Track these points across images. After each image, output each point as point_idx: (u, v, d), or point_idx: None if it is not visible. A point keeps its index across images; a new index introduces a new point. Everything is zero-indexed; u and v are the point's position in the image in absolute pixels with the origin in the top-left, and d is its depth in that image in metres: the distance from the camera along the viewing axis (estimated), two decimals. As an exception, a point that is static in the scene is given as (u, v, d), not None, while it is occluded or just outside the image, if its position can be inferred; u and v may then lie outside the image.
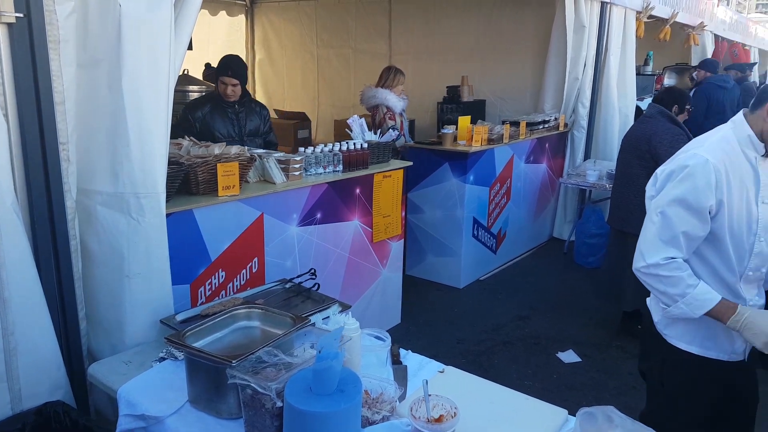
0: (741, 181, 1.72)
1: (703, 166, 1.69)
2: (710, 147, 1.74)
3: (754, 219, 1.73)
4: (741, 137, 1.75)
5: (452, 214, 4.63)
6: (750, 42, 11.28)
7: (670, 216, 1.72)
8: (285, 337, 1.71)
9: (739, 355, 1.87)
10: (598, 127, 5.80)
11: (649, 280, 1.79)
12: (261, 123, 3.80)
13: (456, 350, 3.77)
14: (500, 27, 6.18)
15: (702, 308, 1.69)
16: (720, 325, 1.78)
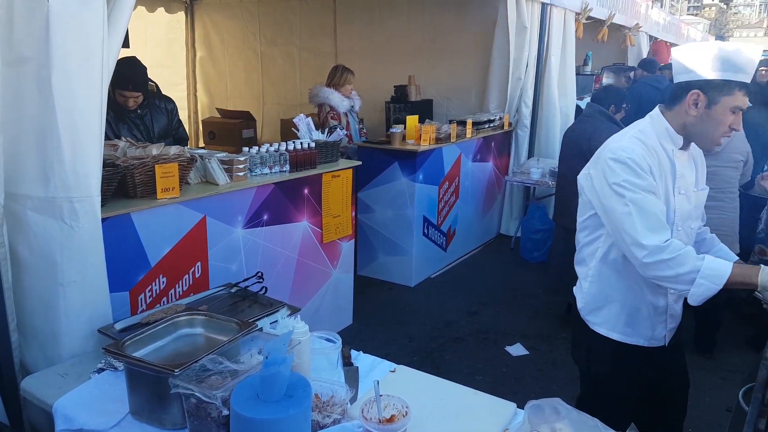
0: (661, 173, 1.77)
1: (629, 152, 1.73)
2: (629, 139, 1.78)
3: (672, 209, 1.79)
4: (659, 131, 1.79)
5: (403, 213, 4.65)
6: (682, 43, 11.84)
7: (638, 201, 1.70)
8: (230, 343, 1.66)
9: (659, 341, 1.92)
10: (540, 126, 5.95)
11: (655, 270, 1.68)
12: (168, 120, 3.60)
13: (408, 348, 3.78)
14: (445, 27, 6.22)
15: (722, 276, 1.60)
16: (641, 312, 1.85)
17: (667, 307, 1.89)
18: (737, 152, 3.23)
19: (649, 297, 1.86)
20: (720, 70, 1.65)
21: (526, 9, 5.27)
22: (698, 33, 14.23)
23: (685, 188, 1.82)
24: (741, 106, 1.68)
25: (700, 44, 1.73)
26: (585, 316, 1.97)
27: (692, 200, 1.85)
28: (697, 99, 1.70)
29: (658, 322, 1.88)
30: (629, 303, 1.87)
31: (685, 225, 1.84)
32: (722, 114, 1.68)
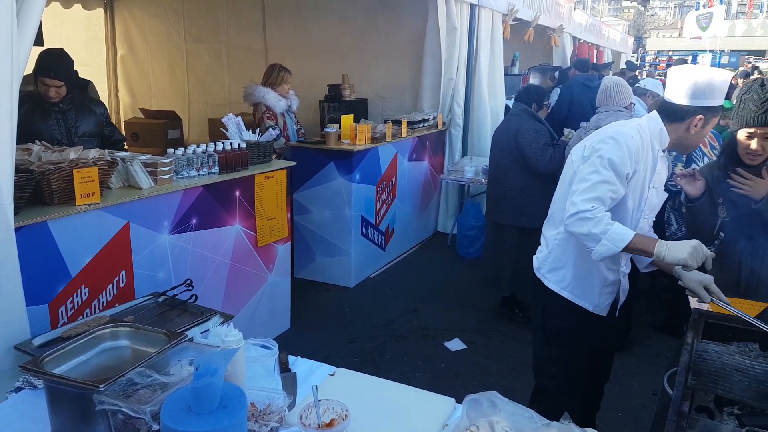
0: (645, 165, 2.03)
1: (628, 139, 1.98)
2: (632, 128, 2.05)
3: (644, 199, 2.06)
4: (653, 130, 2.05)
5: (340, 214, 4.61)
6: (603, 43, 12.42)
7: (603, 175, 1.95)
8: (158, 355, 1.58)
9: (603, 310, 2.17)
10: (472, 126, 6.07)
11: (576, 226, 1.94)
12: (97, 124, 3.45)
13: (348, 350, 3.75)
14: (377, 27, 6.24)
15: (623, 241, 1.86)
16: (590, 280, 2.10)
17: (616, 281, 2.15)
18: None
19: (603, 270, 2.11)
20: (716, 98, 1.99)
21: (456, 10, 5.36)
22: (618, 34, 14.98)
23: (657, 183, 2.09)
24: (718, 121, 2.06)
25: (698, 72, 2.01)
26: (544, 273, 2.21)
27: (660, 196, 2.13)
28: (699, 122, 2.00)
29: (605, 293, 2.14)
30: (584, 270, 2.11)
31: (650, 216, 2.11)
32: (708, 130, 2.04)
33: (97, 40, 7.24)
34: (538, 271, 2.24)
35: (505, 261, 4.03)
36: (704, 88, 1.96)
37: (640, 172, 2.01)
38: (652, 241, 1.87)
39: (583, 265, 2.10)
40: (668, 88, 2.06)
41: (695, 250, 1.80)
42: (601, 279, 2.13)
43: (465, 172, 5.60)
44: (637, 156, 1.98)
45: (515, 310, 4.18)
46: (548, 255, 2.20)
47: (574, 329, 2.17)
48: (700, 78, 1.97)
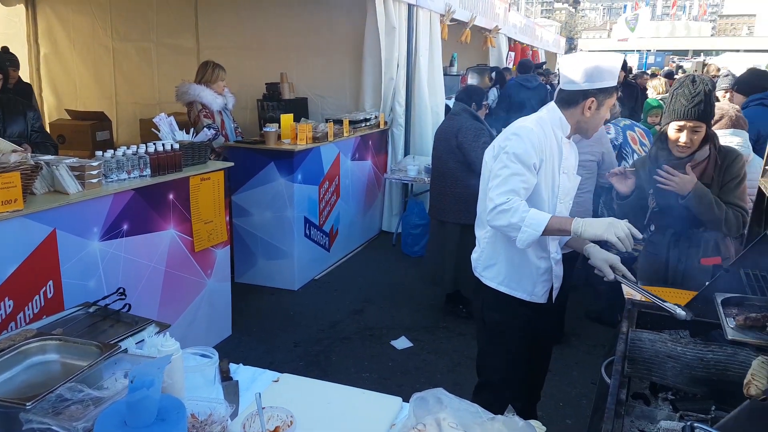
0: (551, 153, 2.12)
1: (529, 132, 2.08)
2: (532, 122, 2.15)
3: (557, 185, 2.16)
4: (554, 120, 2.15)
5: (282, 215, 4.53)
6: (537, 44, 12.80)
7: (512, 169, 2.05)
8: (90, 368, 1.50)
9: (540, 298, 2.24)
10: (414, 125, 6.11)
11: (496, 219, 2.03)
12: (25, 126, 3.27)
13: (293, 354, 3.70)
14: (315, 25, 6.18)
15: (541, 224, 1.96)
16: (524, 270, 2.18)
17: (549, 269, 2.21)
18: (590, 154, 3.52)
19: (533, 259, 2.18)
20: (606, 80, 2.06)
21: (394, 10, 5.38)
22: (551, 35, 15.49)
23: (567, 169, 2.18)
24: (613, 102, 2.13)
25: (586, 57, 2.11)
26: (480, 273, 2.27)
27: (571, 180, 2.22)
28: (592, 104, 2.09)
29: (539, 281, 2.21)
30: (516, 262, 2.18)
31: (566, 200, 2.20)
32: (605, 111, 2.13)
33: (18, 39, 6.83)
34: (476, 270, 2.31)
35: (448, 258, 4.08)
36: (592, 71, 2.05)
37: (548, 161, 2.11)
38: (569, 220, 1.97)
39: (514, 257, 2.17)
40: (561, 76, 2.15)
41: (611, 224, 1.89)
42: (534, 268, 2.19)
43: (408, 171, 5.64)
44: (540, 146, 2.07)
45: (459, 306, 4.24)
46: (481, 254, 2.28)
47: (513, 321, 2.23)
48: (588, 63, 2.06)
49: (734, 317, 1.67)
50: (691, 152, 2.41)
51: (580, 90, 2.09)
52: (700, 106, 2.32)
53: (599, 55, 2.13)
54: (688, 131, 2.37)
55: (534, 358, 2.39)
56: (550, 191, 2.15)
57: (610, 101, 2.11)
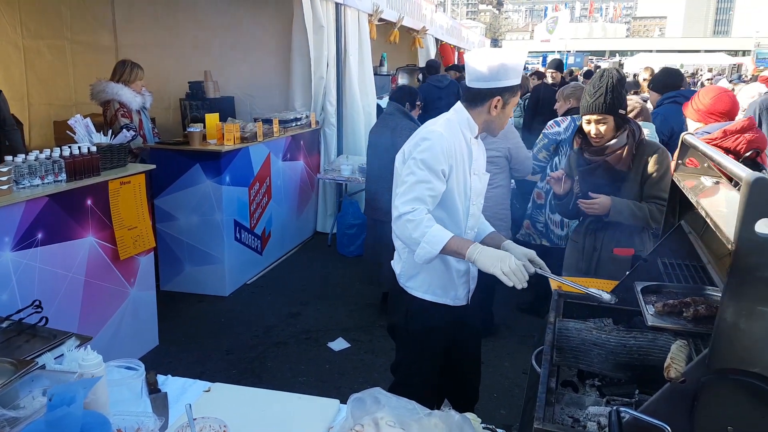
0: (461, 156, 2.09)
1: (439, 138, 2.03)
2: (441, 125, 2.11)
3: (469, 186, 2.13)
4: (461, 121, 2.12)
5: (210, 219, 4.39)
6: (464, 45, 13.08)
7: (418, 176, 2.01)
8: (4, 387, 1.40)
9: (462, 300, 2.24)
10: (346, 125, 6.09)
11: (400, 229, 2.01)
12: None
13: (226, 362, 3.59)
14: (240, 22, 6.04)
15: (439, 243, 1.93)
16: (447, 276, 2.16)
17: (467, 270, 2.20)
18: (495, 150, 3.62)
19: (453, 263, 2.15)
20: (511, 78, 2.04)
21: (321, 8, 5.34)
22: (477, 36, 15.87)
23: (477, 170, 2.16)
24: (515, 103, 2.12)
25: (491, 54, 2.06)
26: (404, 283, 2.23)
27: (482, 180, 2.20)
28: (497, 103, 2.07)
29: (460, 283, 2.20)
30: (437, 269, 2.15)
31: (477, 201, 2.19)
32: (510, 110, 2.12)
33: None
34: (399, 280, 2.25)
35: (385, 257, 4.07)
36: (498, 69, 2.02)
37: (458, 165, 2.07)
38: (467, 245, 1.93)
39: (435, 264, 2.12)
40: (467, 73, 2.11)
41: (500, 259, 1.87)
42: (455, 272, 2.18)
43: (342, 170, 5.61)
44: (450, 152, 2.03)
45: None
46: (403, 264, 2.23)
47: (437, 328, 2.21)
48: (493, 61, 2.02)
49: (653, 304, 1.76)
50: (605, 142, 2.58)
51: (487, 88, 2.06)
52: (600, 99, 2.49)
53: (502, 52, 2.08)
54: (594, 123, 2.55)
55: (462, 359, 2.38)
56: (463, 194, 2.12)
57: (514, 100, 2.10)
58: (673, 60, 25.55)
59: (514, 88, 2.06)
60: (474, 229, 2.21)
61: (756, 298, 1.22)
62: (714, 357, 1.29)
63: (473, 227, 2.20)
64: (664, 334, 1.72)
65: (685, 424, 1.32)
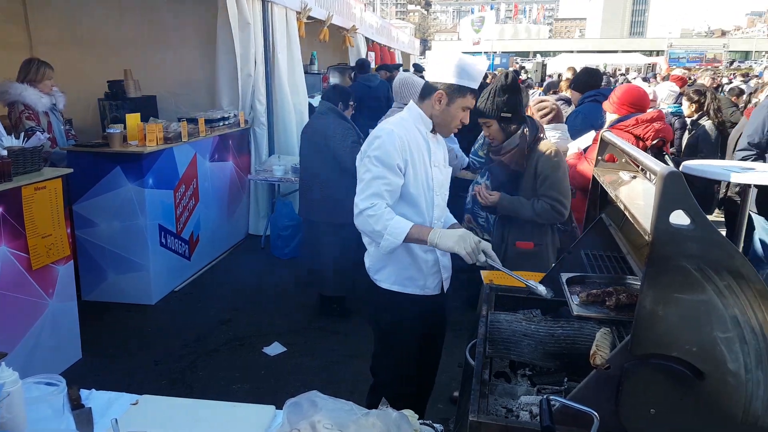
0: (418, 150, 2.15)
1: (389, 134, 2.10)
2: (393, 123, 2.18)
3: (430, 178, 2.19)
4: (414, 117, 2.19)
5: (133, 224, 4.19)
6: (394, 45, 13.17)
7: (373, 172, 2.09)
8: None
9: (432, 290, 2.29)
10: (277, 124, 5.98)
11: (362, 224, 2.08)
12: None
13: (154, 373, 3.44)
14: (163, 19, 5.82)
15: (402, 233, 2.02)
16: (414, 267, 2.21)
17: (436, 261, 2.25)
18: None
19: (420, 253, 2.20)
20: (460, 78, 2.08)
21: (247, 5, 5.22)
22: (406, 36, 16.02)
23: (437, 162, 2.22)
24: (469, 105, 2.15)
25: (449, 53, 2.16)
26: (373, 276, 2.28)
27: (443, 172, 2.26)
28: (441, 97, 2.12)
29: (429, 274, 2.25)
30: (404, 260, 2.20)
31: (441, 191, 2.25)
32: (456, 111, 2.14)
33: None
34: (369, 273, 2.31)
35: (322, 258, 4.05)
36: (448, 66, 2.09)
37: (417, 158, 2.14)
38: (427, 231, 2.04)
39: (401, 256, 2.19)
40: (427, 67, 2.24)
41: (461, 238, 1.97)
42: (423, 262, 2.22)
43: (274, 171, 5.50)
44: (403, 146, 2.09)
45: (333, 305, 4.22)
46: (371, 258, 2.29)
47: (405, 320, 2.25)
48: (448, 58, 2.11)
49: (578, 294, 1.82)
50: (499, 143, 2.73)
51: (433, 82, 2.14)
52: (482, 104, 2.65)
53: (452, 53, 2.16)
54: (484, 126, 2.72)
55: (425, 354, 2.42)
56: (425, 185, 2.17)
57: (462, 101, 2.13)
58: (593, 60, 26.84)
59: (461, 89, 2.10)
60: (441, 220, 2.26)
61: (672, 285, 1.29)
62: (636, 343, 1.35)
63: (440, 218, 2.24)
64: (589, 323, 1.79)
65: (612, 409, 1.38)
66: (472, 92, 2.13)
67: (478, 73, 2.11)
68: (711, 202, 4.57)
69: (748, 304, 1.26)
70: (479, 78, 2.13)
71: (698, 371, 1.31)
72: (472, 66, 2.10)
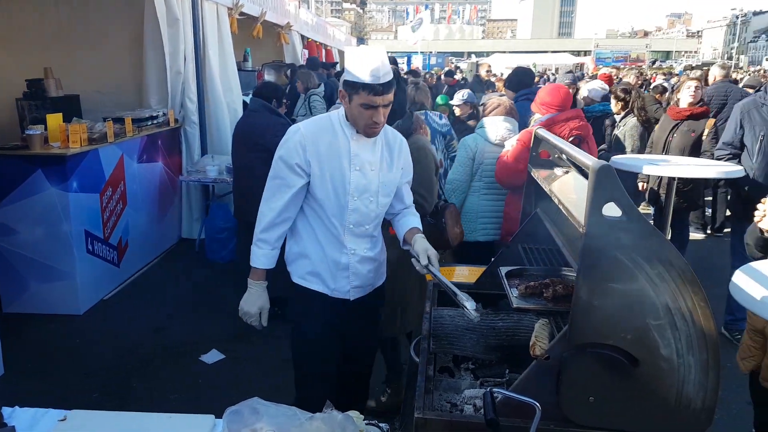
0: (334, 151, 2.07)
1: (294, 133, 2.08)
2: (307, 122, 2.13)
3: (348, 181, 2.08)
4: (341, 116, 2.10)
5: (56, 230, 3.97)
6: (330, 43, 13.09)
7: (273, 171, 2.12)
8: None
9: (343, 294, 2.21)
10: (210, 122, 5.81)
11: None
12: None
13: (85, 387, 3.26)
14: (86, 15, 5.54)
15: (252, 262, 2.20)
16: (324, 264, 2.17)
17: (349, 265, 2.16)
18: None
19: (331, 252, 2.15)
20: (350, 73, 1.97)
21: (176, 0, 5.04)
22: (342, 34, 15.97)
23: (360, 165, 2.08)
24: (369, 103, 1.95)
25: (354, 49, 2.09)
26: (287, 267, 2.27)
27: (368, 177, 2.11)
28: (343, 96, 2.02)
29: (340, 276, 2.18)
30: (316, 257, 2.17)
31: (363, 197, 2.10)
32: (357, 108, 1.99)
33: None
34: (286, 262, 2.30)
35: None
36: (346, 63, 2.02)
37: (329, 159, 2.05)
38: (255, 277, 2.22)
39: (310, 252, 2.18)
40: None
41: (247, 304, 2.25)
42: (332, 262, 2.16)
43: (207, 171, 5.32)
44: (307, 145, 2.03)
45: (274, 307, 4.10)
46: (287, 250, 2.28)
47: (311, 314, 2.22)
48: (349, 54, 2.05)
49: (517, 287, 1.86)
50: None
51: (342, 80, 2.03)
52: None
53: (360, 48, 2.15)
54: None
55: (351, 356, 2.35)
56: (340, 189, 2.07)
57: (357, 99, 1.96)
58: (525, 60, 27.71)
59: (354, 86, 1.94)
60: (364, 226, 2.14)
61: (606, 276, 1.33)
62: (573, 333, 1.38)
63: (361, 224, 2.13)
64: (528, 315, 1.83)
65: (553, 398, 1.41)
66: (367, 88, 1.93)
67: (368, 67, 1.92)
68: (637, 195, 4.80)
69: (678, 292, 1.31)
70: (373, 72, 1.92)
71: (633, 358, 1.36)
72: (361, 60, 1.94)
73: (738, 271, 1.61)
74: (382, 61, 1.94)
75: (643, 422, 1.39)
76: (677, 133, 4.56)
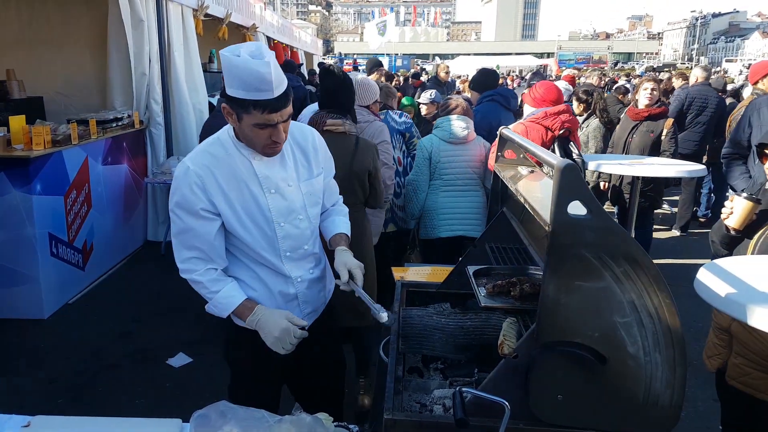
0: (237, 179, 1.74)
1: (185, 174, 1.71)
2: (195, 154, 1.77)
3: (266, 208, 1.78)
4: (233, 138, 1.76)
5: (20, 234, 3.88)
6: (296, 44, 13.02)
7: (177, 225, 1.77)
8: None
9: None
10: (175, 124, 5.73)
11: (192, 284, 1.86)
12: None
13: (48, 392, 3.18)
14: (48, 16, 5.45)
15: (226, 310, 1.81)
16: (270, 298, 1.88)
17: (296, 295, 1.93)
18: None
19: (277, 287, 1.89)
20: (235, 88, 1.56)
21: (140, 1, 4.96)
22: (308, 36, 15.90)
23: (275, 187, 1.78)
24: (265, 123, 1.61)
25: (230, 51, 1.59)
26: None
27: (289, 196, 1.82)
28: (228, 112, 1.65)
29: (291, 307, 1.91)
30: (263, 297, 1.88)
31: (290, 219, 1.83)
32: (249, 129, 1.64)
33: None
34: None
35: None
36: (223, 70, 1.61)
37: (234, 190, 1.74)
38: (249, 312, 1.77)
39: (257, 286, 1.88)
40: None
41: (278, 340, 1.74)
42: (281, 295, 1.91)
43: (173, 173, 5.23)
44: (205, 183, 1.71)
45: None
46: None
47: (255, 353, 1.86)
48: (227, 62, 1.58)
49: (485, 286, 1.89)
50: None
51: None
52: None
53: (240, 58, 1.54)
54: None
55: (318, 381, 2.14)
56: (259, 217, 1.77)
57: (249, 119, 1.60)
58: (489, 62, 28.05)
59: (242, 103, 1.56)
60: (302, 248, 1.88)
61: (572, 273, 1.35)
62: (541, 331, 1.39)
63: (297, 247, 1.87)
64: (496, 314, 1.85)
65: (522, 397, 1.42)
66: (259, 106, 1.55)
67: (256, 77, 1.52)
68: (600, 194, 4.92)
69: (643, 289, 1.33)
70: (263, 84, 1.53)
71: (601, 356, 1.37)
72: (243, 69, 1.52)
73: (702, 268, 1.60)
74: (271, 64, 1.54)
75: (612, 420, 1.40)
76: (637, 134, 4.69)
